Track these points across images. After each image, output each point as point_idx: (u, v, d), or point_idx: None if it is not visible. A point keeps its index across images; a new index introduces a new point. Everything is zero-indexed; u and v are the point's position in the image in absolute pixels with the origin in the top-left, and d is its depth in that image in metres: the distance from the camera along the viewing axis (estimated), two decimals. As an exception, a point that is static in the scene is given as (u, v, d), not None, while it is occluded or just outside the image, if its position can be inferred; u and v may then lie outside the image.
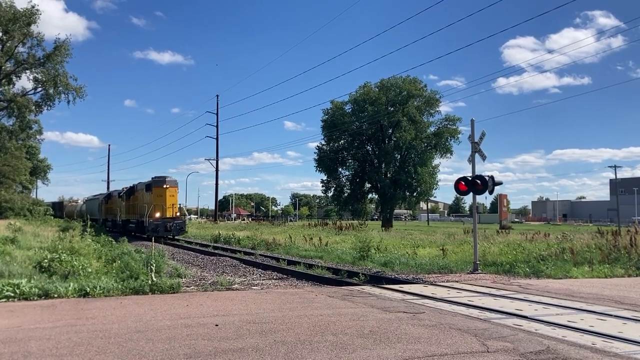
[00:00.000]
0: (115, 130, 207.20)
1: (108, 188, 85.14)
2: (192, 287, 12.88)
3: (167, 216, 36.39)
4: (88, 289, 10.86)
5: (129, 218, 42.04)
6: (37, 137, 67.22)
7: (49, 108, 55.00)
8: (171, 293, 11.44)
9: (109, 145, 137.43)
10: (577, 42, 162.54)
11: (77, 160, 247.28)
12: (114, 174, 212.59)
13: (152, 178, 37.94)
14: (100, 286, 11.08)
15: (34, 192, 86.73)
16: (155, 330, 7.39)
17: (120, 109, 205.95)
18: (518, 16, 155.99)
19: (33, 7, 50.19)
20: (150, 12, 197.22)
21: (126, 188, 45.39)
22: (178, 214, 37.65)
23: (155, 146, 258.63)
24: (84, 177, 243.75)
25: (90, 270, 13.57)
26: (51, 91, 52.90)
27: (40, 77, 52.74)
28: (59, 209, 77.37)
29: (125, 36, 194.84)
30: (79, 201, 76.14)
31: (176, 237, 37.32)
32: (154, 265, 12.30)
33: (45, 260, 13.42)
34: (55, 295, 10.55)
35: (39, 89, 53.82)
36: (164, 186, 36.84)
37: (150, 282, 11.70)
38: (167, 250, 26.34)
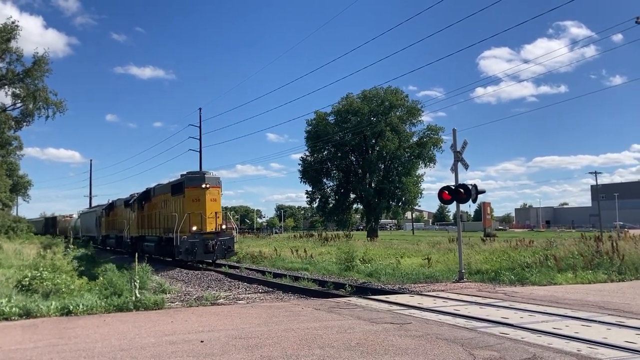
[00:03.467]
0: (97, 145, 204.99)
1: (90, 204, 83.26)
2: (176, 303, 12.76)
3: (208, 230, 24.52)
4: (70, 307, 10.70)
5: (144, 234, 31.52)
6: (17, 153, 66.27)
7: (28, 123, 54.30)
8: (155, 309, 11.31)
9: (91, 160, 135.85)
10: (551, 52, 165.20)
11: (59, 176, 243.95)
12: (97, 190, 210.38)
13: (185, 175, 26.11)
14: (83, 304, 10.91)
15: (14, 210, 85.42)
16: (140, 348, 7.28)
17: (102, 124, 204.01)
18: (492, 27, 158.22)
19: (13, 22, 49.75)
20: (131, 28, 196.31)
21: (137, 194, 35.36)
22: (224, 226, 25.24)
23: (137, 160, 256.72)
24: (66, 193, 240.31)
25: (72, 287, 13.37)
26: (31, 106, 52.29)
27: (19, 92, 52.16)
28: (52, 225, 70.03)
29: (106, 52, 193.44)
30: (74, 215, 68.28)
31: (217, 261, 25.96)
32: (138, 281, 12.14)
33: (26, 279, 13.18)
34: (37, 315, 10.36)
35: (19, 105, 53.22)
36: (203, 186, 24.70)
37: (134, 298, 11.55)
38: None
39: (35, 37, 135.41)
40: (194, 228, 24.06)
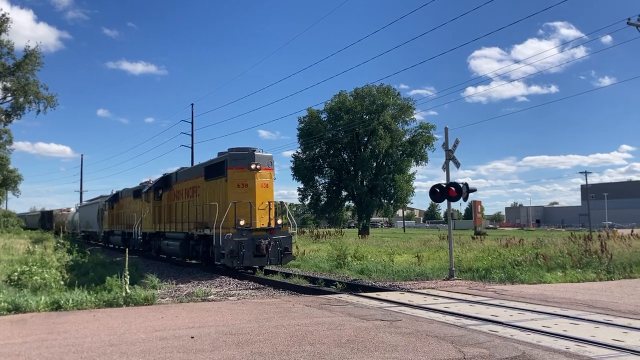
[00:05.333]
0: (88, 140, 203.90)
1: (81, 199, 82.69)
2: (167, 299, 12.74)
3: (259, 226, 18.71)
4: (60, 302, 10.64)
5: (162, 230, 25.55)
6: (7, 147, 65.74)
7: (18, 117, 53.93)
8: (146, 305, 11.28)
9: (82, 155, 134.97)
10: (541, 52, 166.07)
11: (49, 170, 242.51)
12: (87, 185, 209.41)
13: (226, 152, 19.95)
14: (72, 299, 10.87)
15: (3, 204, 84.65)
16: (130, 344, 7.26)
17: (93, 119, 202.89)
18: (483, 27, 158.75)
19: (3, 15, 49.36)
20: (122, 24, 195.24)
21: (150, 181, 29.74)
22: (279, 221, 19.62)
23: (129, 155, 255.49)
24: (57, 188, 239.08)
25: (62, 282, 13.31)
26: (21, 100, 51.94)
27: (9, 86, 51.80)
28: (48, 219, 66.07)
29: (98, 47, 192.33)
30: (72, 209, 63.48)
31: (267, 267, 19.94)
32: (128, 276, 12.09)
33: (15, 274, 13.11)
34: (26, 310, 10.31)
35: (9, 98, 52.84)
36: (253, 166, 18.90)
37: (124, 294, 11.51)
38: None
39: (26, 30, 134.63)
40: (242, 222, 18.08)
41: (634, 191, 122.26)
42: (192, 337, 7.66)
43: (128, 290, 11.70)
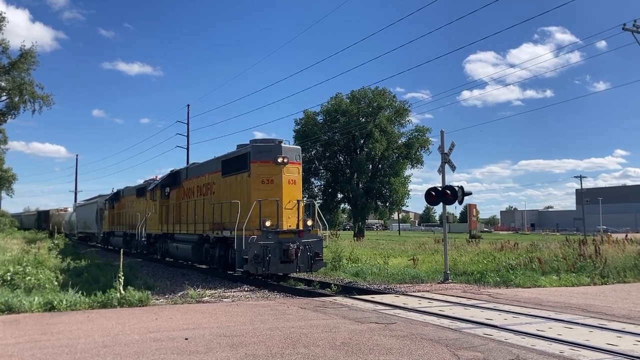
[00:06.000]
0: (84, 140, 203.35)
1: (75, 199, 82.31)
2: (161, 300, 12.69)
3: (286, 228, 16.62)
4: (54, 302, 10.59)
5: (170, 231, 23.24)
6: (2, 146, 65.42)
7: (13, 117, 53.73)
8: (140, 306, 11.24)
9: (77, 155, 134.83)
10: (536, 57, 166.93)
11: (44, 170, 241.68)
12: (82, 185, 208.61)
13: (247, 144, 17.87)
14: (66, 300, 10.83)
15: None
16: (124, 345, 7.24)
17: (89, 119, 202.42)
18: (478, 31, 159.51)
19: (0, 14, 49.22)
20: (119, 24, 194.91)
21: (157, 178, 27.14)
22: (309, 222, 17.04)
23: (124, 156, 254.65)
24: (51, 188, 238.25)
25: (56, 283, 13.25)
26: (16, 99, 51.75)
27: (4, 85, 51.60)
28: (44, 219, 63.94)
29: (94, 47, 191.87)
30: (69, 209, 61.85)
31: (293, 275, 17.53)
32: (122, 277, 12.05)
33: (8, 274, 13.04)
34: (19, 310, 10.26)
35: (4, 97, 52.63)
36: (280, 160, 16.74)
37: (118, 295, 11.47)
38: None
39: (22, 30, 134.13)
40: (268, 223, 15.95)
41: (628, 196, 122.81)
42: (186, 339, 7.64)
43: (122, 291, 11.66)
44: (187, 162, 54.05)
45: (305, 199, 19.46)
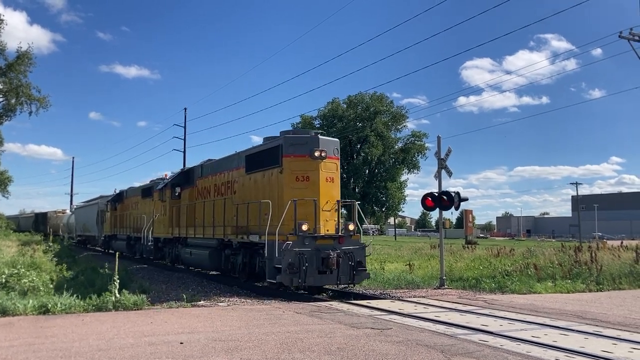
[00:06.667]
0: (80, 143, 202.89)
1: (71, 202, 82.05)
2: (156, 304, 12.64)
3: (323, 232, 14.68)
4: (49, 305, 10.55)
5: (182, 235, 21.32)
6: (-3, 148, 65.28)
7: (9, 119, 53.61)
8: (135, 310, 11.20)
9: (73, 158, 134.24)
10: (532, 64, 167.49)
11: (40, 172, 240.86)
12: (78, 187, 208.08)
13: (277, 137, 16.00)
14: (61, 303, 10.79)
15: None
16: (118, 349, 7.21)
17: (85, 121, 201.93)
18: (475, 38, 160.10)
19: (-2, 15, 49.15)
20: (116, 27, 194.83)
21: (167, 177, 25.09)
22: (351, 227, 15.26)
23: (120, 159, 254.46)
24: (47, 190, 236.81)
25: (51, 286, 13.20)
26: (13, 101, 51.66)
27: (1, 87, 51.50)
28: (42, 222, 61.91)
29: (91, 50, 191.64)
30: (67, 211, 60.44)
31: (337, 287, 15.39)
32: (118, 281, 12.01)
33: (3, 276, 12.99)
34: (14, 313, 10.22)
35: (0, 99, 52.50)
36: (317, 154, 14.87)
37: (113, 298, 11.43)
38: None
39: (19, 32, 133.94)
40: (305, 227, 14.06)
41: (624, 203, 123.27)
42: (182, 343, 7.61)
43: (117, 295, 11.63)
44: (184, 166, 53.63)
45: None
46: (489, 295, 14.83)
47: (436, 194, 16.73)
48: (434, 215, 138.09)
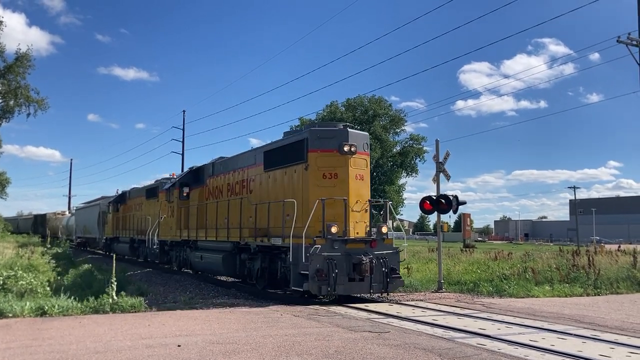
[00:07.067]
0: (78, 144, 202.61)
1: (69, 204, 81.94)
2: (154, 306, 12.62)
3: (354, 235, 13.75)
4: (46, 307, 10.54)
5: (195, 238, 19.77)
6: (-5, 150, 65.23)
7: (7, 120, 53.59)
8: (132, 312, 11.19)
9: (71, 159, 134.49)
10: (530, 68, 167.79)
11: (38, 174, 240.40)
12: (76, 189, 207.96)
13: (302, 131, 15.25)
14: (58, 305, 10.78)
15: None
16: (115, 351, 7.19)
17: (84, 123, 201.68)
18: (473, 42, 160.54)
19: (-3, 17, 49.16)
20: (115, 30, 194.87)
21: (172, 176, 24.38)
22: (384, 229, 14.07)
23: (119, 161, 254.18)
24: (45, 192, 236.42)
25: (48, 288, 13.18)
26: (11, 103, 51.64)
27: (0, 89, 51.48)
28: (41, 223, 60.96)
29: (90, 52, 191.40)
30: (67, 213, 59.11)
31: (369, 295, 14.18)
32: (115, 283, 11.99)
33: (0, 278, 12.96)
34: (11, 315, 10.19)
35: (-2, 101, 52.47)
36: (346, 148, 13.79)
37: (110, 300, 11.42)
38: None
39: (18, 34, 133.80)
40: (334, 230, 12.87)
41: (621, 207, 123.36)
42: (179, 346, 7.60)
43: (115, 297, 11.61)
44: (182, 169, 53.20)
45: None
46: (487, 298, 14.84)
47: (434, 197, 16.74)
48: (432, 218, 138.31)
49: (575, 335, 9.22)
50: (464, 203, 17.13)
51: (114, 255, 14.54)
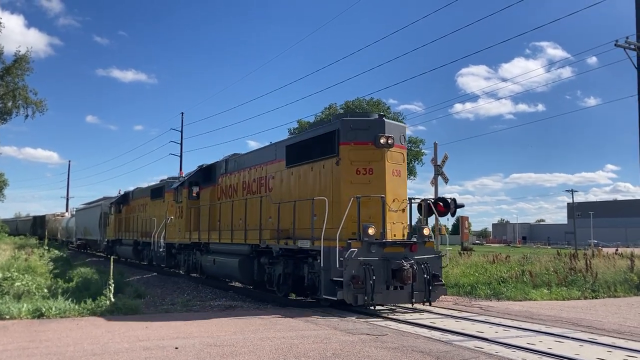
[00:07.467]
0: (76, 146, 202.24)
1: (67, 205, 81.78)
2: (152, 308, 12.61)
3: (391, 238, 12.45)
4: (43, 309, 10.52)
5: (207, 241, 18.36)
6: (-7, 152, 65.18)
7: (5, 122, 53.56)
8: (130, 314, 11.17)
9: (69, 161, 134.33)
10: (528, 72, 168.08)
11: (35, 176, 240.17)
12: (74, 191, 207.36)
13: (333, 119, 13.73)
14: (55, 307, 10.77)
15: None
16: (113, 354, 7.19)
17: (82, 125, 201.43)
18: (471, 45, 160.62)
19: (-6, 19, 49.20)
20: (114, 32, 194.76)
21: (181, 175, 23.95)
22: (427, 231, 12.78)
23: (117, 163, 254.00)
24: (42, 194, 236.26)
25: (45, 290, 13.15)
26: (9, 104, 51.61)
27: (-2, 90, 51.45)
28: (40, 225, 59.10)
29: (88, 54, 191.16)
30: (66, 214, 58.77)
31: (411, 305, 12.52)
32: (113, 285, 11.98)
33: (-2, 280, 12.95)
34: (7, 317, 10.18)
35: (-4, 103, 52.42)
36: (383, 140, 12.43)
37: (108, 302, 11.41)
38: None
39: (17, 36, 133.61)
40: (371, 232, 11.57)
41: (619, 210, 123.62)
42: (176, 348, 7.60)
43: (113, 299, 11.60)
44: (180, 171, 52.86)
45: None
46: (485, 301, 14.84)
47: (432, 200, 16.75)
48: (430, 221, 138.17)
49: (572, 338, 9.23)
50: (462, 206, 17.11)
51: (112, 258, 14.54)
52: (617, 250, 28.37)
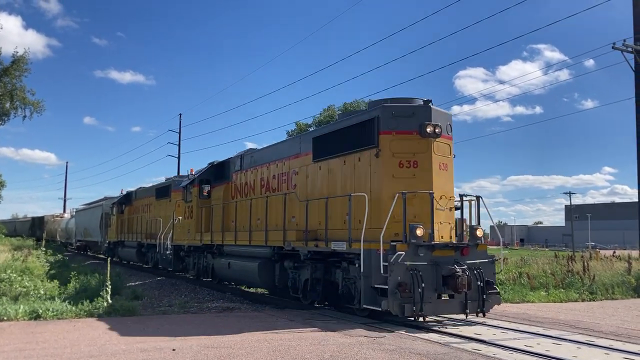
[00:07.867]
0: (74, 147, 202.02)
1: (64, 207, 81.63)
2: (149, 310, 12.59)
3: (439, 240, 10.87)
4: (40, 311, 10.50)
5: (221, 242, 17.06)
6: (-9, 152, 65.02)
7: (3, 123, 53.47)
8: (128, 316, 11.15)
9: (67, 162, 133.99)
10: (526, 74, 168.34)
11: (33, 177, 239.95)
12: (71, 192, 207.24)
13: (373, 105, 12.13)
14: (53, 308, 10.76)
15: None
16: (110, 355, 7.17)
17: (80, 126, 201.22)
18: (468, 47, 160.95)
19: (-8, 19, 49.13)
20: (112, 33, 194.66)
21: (191, 172, 21.55)
22: (480, 233, 11.41)
23: (114, 164, 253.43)
24: (40, 195, 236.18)
25: (43, 291, 13.13)
26: (7, 105, 51.53)
27: (-5, 91, 51.38)
28: (38, 226, 58.17)
29: (86, 55, 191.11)
30: (66, 215, 57.90)
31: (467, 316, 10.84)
32: (110, 286, 11.96)
33: (-6, 281, 12.91)
34: (4, 318, 10.15)
35: (-6, 103, 52.34)
36: (429, 129, 10.91)
37: (105, 304, 11.38)
38: None
39: (14, 37, 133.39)
40: (419, 232, 10.13)
41: (616, 213, 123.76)
42: (174, 350, 7.58)
43: (110, 300, 11.58)
44: (178, 172, 52.23)
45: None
46: (482, 304, 14.83)
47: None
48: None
49: (570, 340, 9.23)
50: (459, 208, 17.13)
51: (109, 259, 14.51)
52: (614, 252, 28.42)
